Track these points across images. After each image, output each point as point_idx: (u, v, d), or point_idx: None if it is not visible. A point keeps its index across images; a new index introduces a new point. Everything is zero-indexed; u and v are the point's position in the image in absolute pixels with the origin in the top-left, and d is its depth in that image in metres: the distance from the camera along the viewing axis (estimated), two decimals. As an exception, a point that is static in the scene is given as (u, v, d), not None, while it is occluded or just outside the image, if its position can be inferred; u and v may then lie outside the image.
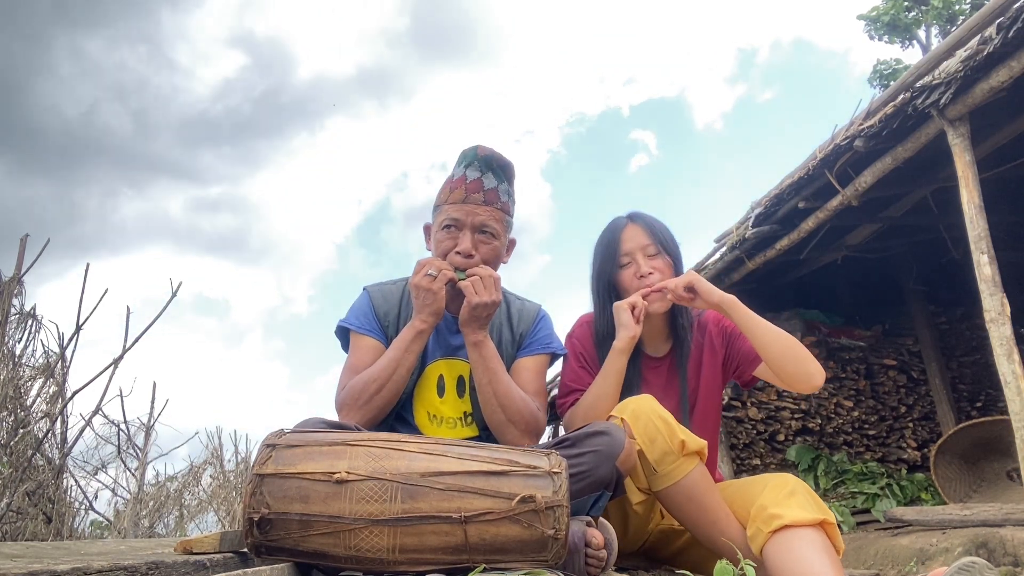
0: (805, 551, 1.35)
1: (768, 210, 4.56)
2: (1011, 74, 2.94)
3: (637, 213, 1.90)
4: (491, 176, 1.73)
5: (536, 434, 1.67)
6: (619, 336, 1.75)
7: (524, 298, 1.89)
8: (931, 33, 15.87)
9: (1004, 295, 3.11)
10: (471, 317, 1.61)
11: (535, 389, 1.72)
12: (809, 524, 1.38)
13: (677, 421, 1.55)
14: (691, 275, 1.74)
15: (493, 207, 1.71)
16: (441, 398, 1.74)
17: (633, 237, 1.84)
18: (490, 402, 1.63)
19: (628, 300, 1.77)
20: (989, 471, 4.73)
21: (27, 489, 3.60)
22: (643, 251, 1.82)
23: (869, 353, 5.91)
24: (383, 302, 1.78)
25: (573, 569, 1.28)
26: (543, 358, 1.79)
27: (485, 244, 1.71)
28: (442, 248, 1.71)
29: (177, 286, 3.95)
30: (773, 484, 1.48)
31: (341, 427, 1.41)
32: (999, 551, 2.84)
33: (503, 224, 1.74)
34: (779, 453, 5.43)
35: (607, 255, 1.87)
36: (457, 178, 1.73)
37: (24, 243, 3.73)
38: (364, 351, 1.71)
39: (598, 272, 1.89)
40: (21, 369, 3.81)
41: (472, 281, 1.62)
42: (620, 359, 1.75)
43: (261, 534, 1.12)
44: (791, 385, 1.73)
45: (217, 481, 6.09)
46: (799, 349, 1.71)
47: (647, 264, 1.81)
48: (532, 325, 1.81)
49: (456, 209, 1.70)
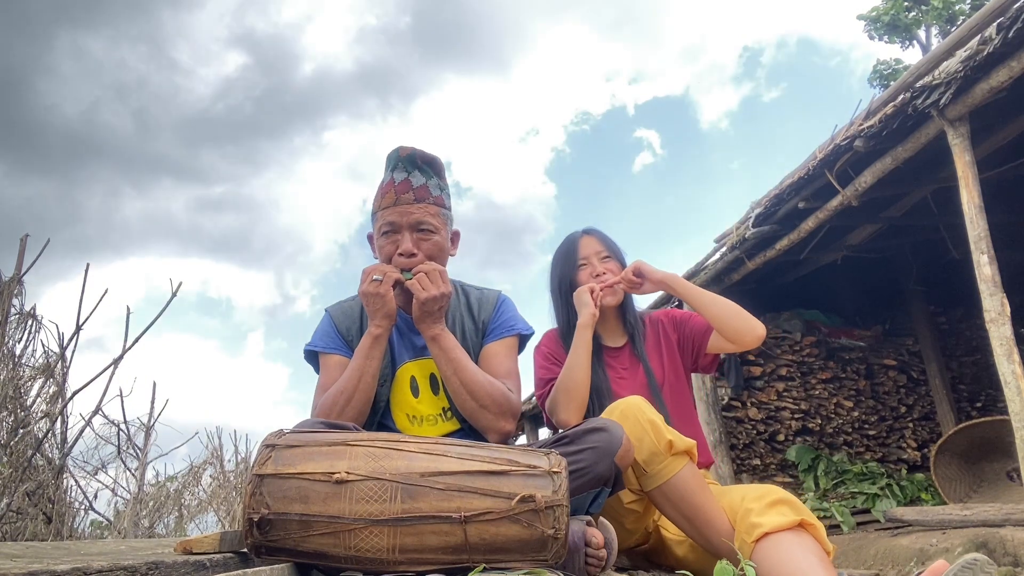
0: (789, 554, 1.37)
1: (768, 210, 4.56)
2: (1011, 74, 2.94)
3: (591, 227, 2.17)
4: (418, 174, 1.76)
5: (512, 414, 1.68)
6: (581, 315, 1.95)
7: (483, 287, 1.92)
8: (931, 33, 15.87)
9: (1004, 295, 3.11)
10: (423, 313, 1.64)
11: (505, 371, 1.75)
12: (787, 528, 1.40)
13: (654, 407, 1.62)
14: (636, 260, 2.01)
15: (425, 203, 1.74)
16: (417, 398, 1.76)
17: (588, 244, 2.10)
18: (459, 392, 1.65)
19: (586, 285, 1.99)
20: (989, 471, 4.73)
21: (27, 489, 3.60)
22: (597, 255, 2.08)
23: (869, 353, 5.91)
24: (344, 318, 1.82)
25: (573, 569, 1.28)
26: (510, 340, 1.81)
27: (425, 240, 1.73)
28: (385, 253, 1.74)
29: (177, 286, 3.95)
30: (752, 495, 1.50)
31: (341, 427, 1.41)
32: (999, 551, 2.84)
33: (440, 218, 1.77)
34: (779, 453, 5.43)
35: (566, 261, 2.11)
36: (386, 183, 1.77)
37: (24, 243, 3.73)
38: (332, 369, 1.74)
39: (559, 276, 2.12)
40: (21, 369, 3.81)
41: (418, 278, 1.65)
42: (585, 333, 1.92)
43: (261, 534, 1.12)
44: (739, 340, 1.93)
45: (217, 481, 6.10)
46: (738, 308, 1.95)
47: (601, 265, 2.06)
48: (494, 311, 1.84)
49: (390, 212, 1.73)
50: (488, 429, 1.67)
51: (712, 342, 2.02)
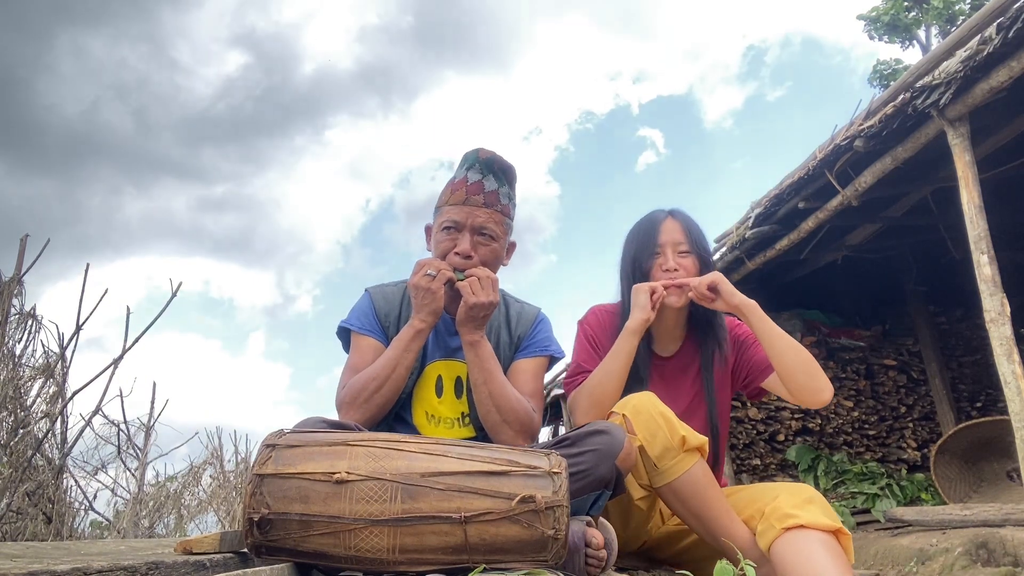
0: (817, 552, 1.35)
1: (768, 210, 4.56)
2: (1011, 74, 2.94)
3: (677, 210, 1.94)
4: (492, 179, 1.74)
5: (531, 435, 1.68)
6: (632, 317, 1.77)
7: (524, 301, 1.90)
8: (931, 33, 15.87)
9: (1004, 295, 3.11)
10: (468, 317, 1.63)
11: (531, 390, 1.73)
12: (825, 529, 1.39)
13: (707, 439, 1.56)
14: (715, 275, 1.78)
15: (493, 209, 1.72)
16: (439, 398, 1.76)
17: (669, 231, 1.87)
18: (485, 402, 1.64)
19: (649, 284, 1.80)
20: (989, 471, 4.73)
21: (27, 489, 3.60)
22: (675, 247, 1.86)
23: (869, 353, 5.91)
24: (384, 303, 1.80)
25: (573, 569, 1.28)
26: (541, 360, 1.80)
27: (484, 246, 1.72)
28: (441, 249, 1.72)
29: (177, 286, 3.95)
30: (790, 490, 1.49)
31: (341, 427, 1.41)
32: (999, 551, 2.84)
33: (503, 227, 1.75)
34: (779, 453, 5.43)
35: (643, 242, 1.89)
36: (458, 180, 1.75)
37: (24, 243, 3.74)
38: (365, 351, 1.72)
39: (632, 258, 1.91)
40: (21, 369, 3.81)
41: (470, 282, 1.63)
42: (631, 340, 1.76)
43: (261, 534, 1.12)
44: (800, 399, 1.75)
45: (217, 481, 6.09)
46: (812, 363, 1.73)
47: (675, 259, 1.84)
48: (531, 328, 1.82)
49: (456, 211, 1.71)
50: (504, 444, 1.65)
51: (769, 382, 1.84)
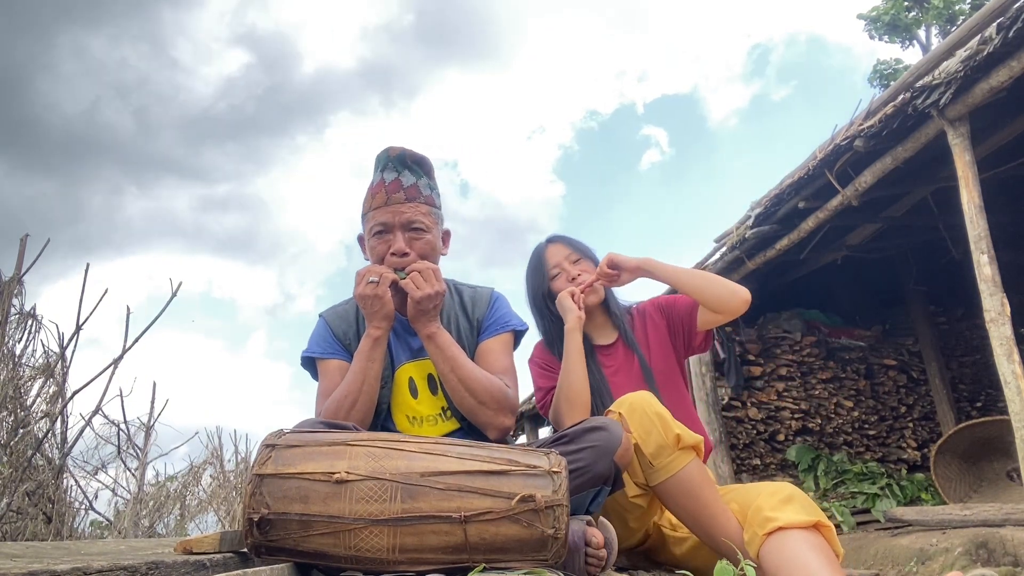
0: (800, 551, 1.36)
1: (768, 210, 4.56)
2: (1011, 74, 2.94)
3: (554, 235, 2.15)
4: (408, 173, 1.76)
5: (510, 410, 1.69)
6: (567, 320, 1.94)
7: (476, 285, 1.92)
8: (931, 33, 15.87)
9: (1004, 295, 3.11)
10: (418, 312, 1.64)
11: (502, 367, 1.75)
12: (803, 526, 1.39)
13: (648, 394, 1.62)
14: (609, 253, 1.99)
15: (416, 202, 1.74)
16: (416, 399, 1.76)
17: (555, 252, 2.09)
18: (457, 389, 1.65)
19: (565, 291, 1.99)
20: (989, 471, 4.73)
21: (27, 489, 3.60)
22: (567, 259, 2.07)
23: (869, 353, 5.91)
24: (339, 322, 1.82)
25: (573, 568, 1.28)
26: (505, 337, 1.81)
27: (417, 240, 1.73)
28: (377, 253, 1.74)
29: (177, 286, 3.94)
30: (769, 491, 1.49)
31: (341, 427, 1.41)
32: (999, 551, 2.84)
33: (431, 217, 1.77)
34: (779, 453, 5.43)
35: (537, 274, 2.10)
36: (376, 183, 1.77)
37: (24, 243, 3.73)
38: (332, 373, 1.74)
39: (534, 290, 2.10)
40: (21, 369, 3.81)
41: (411, 277, 1.65)
42: (574, 337, 1.92)
43: (261, 534, 1.12)
44: (724, 308, 1.92)
45: (217, 481, 6.09)
46: (717, 277, 1.96)
47: (574, 269, 2.05)
48: (487, 308, 1.84)
49: (381, 213, 1.73)
50: (487, 425, 1.67)
51: (701, 318, 2.00)
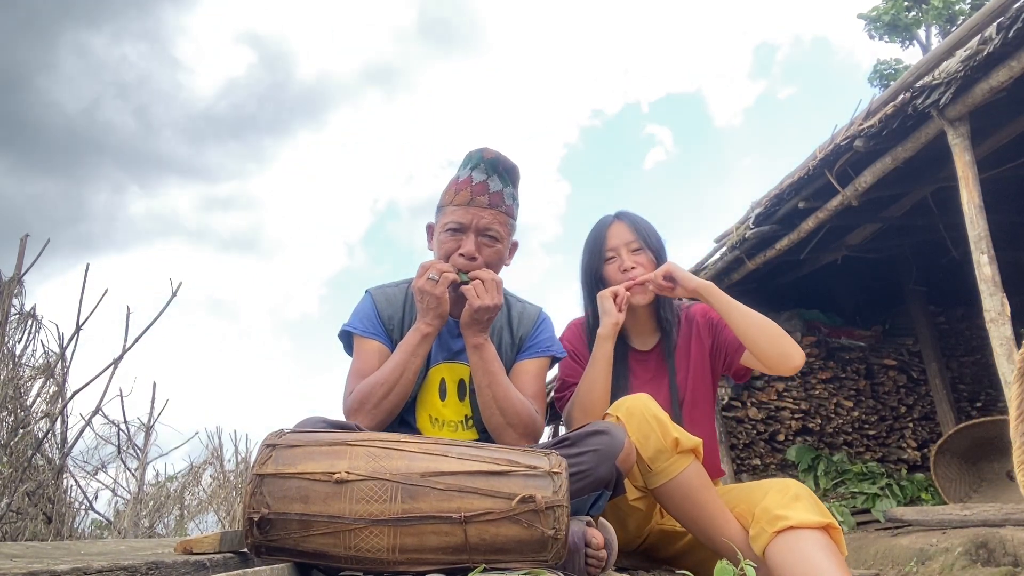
0: (810, 551, 1.35)
1: (768, 210, 4.56)
2: (1011, 74, 2.94)
3: (623, 212, 1.99)
4: (497, 179, 1.72)
5: (534, 437, 1.67)
6: (602, 323, 1.82)
7: (525, 301, 1.89)
8: (931, 33, 15.87)
9: (1004, 295, 3.11)
10: (472, 320, 1.61)
11: (534, 392, 1.72)
12: (814, 527, 1.39)
13: (668, 415, 1.58)
14: (669, 264, 1.83)
15: (497, 210, 1.70)
16: (443, 401, 1.74)
17: (618, 234, 1.94)
18: (489, 405, 1.63)
19: (610, 289, 1.85)
20: (989, 471, 4.73)
21: (27, 489, 3.60)
22: (627, 247, 1.92)
23: (869, 353, 5.91)
24: (387, 305, 1.77)
25: (573, 569, 1.28)
26: (543, 361, 1.79)
27: (488, 247, 1.70)
28: (445, 249, 1.70)
29: (177, 286, 3.94)
30: (777, 488, 1.49)
31: (341, 427, 1.41)
32: (999, 551, 2.84)
33: (506, 227, 1.74)
34: (779, 453, 5.43)
35: (594, 250, 1.96)
36: (463, 180, 1.73)
37: (24, 243, 3.73)
38: (369, 355, 1.70)
39: (586, 267, 1.98)
40: (21, 369, 3.81)
41: (474, 285, 1.62)
42: (605, 345, 1.81)
43: (261, 534, 1.12)
44: (771, 367, 1.79)
45: (217, 481, 6.09)
46: (776, 330, 1.77)
47: (630, 259, 1.90)
48: (533, 328, 1.81)
49: (461, 211, 1.69)
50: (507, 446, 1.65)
51: (746, 358, 1.88)
